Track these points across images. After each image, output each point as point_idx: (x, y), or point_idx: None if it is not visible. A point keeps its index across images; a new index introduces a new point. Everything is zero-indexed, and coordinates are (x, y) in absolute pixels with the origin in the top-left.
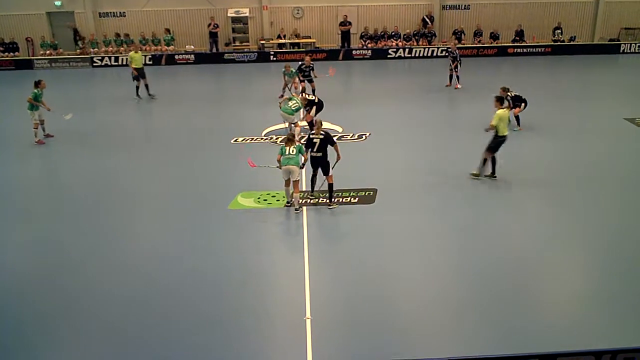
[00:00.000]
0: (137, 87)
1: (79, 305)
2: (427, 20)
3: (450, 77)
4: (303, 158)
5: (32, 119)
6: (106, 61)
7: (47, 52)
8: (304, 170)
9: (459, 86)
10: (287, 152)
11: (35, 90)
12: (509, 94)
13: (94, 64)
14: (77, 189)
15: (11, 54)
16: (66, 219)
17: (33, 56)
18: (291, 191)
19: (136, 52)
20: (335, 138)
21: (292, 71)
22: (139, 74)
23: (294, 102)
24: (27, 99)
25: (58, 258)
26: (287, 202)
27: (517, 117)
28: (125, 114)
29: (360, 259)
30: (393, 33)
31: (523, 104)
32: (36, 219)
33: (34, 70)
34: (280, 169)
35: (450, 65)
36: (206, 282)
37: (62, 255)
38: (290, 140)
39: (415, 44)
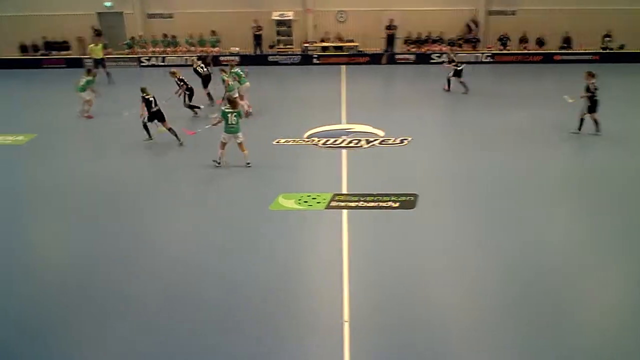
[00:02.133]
0: (108, 74)
1: (119, 302)
2: (472, 25)
3: (448, 80)
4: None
5: (84, 98)
6: (153, 61)
7: None
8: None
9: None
10: (230, 121)
11: (89, 78)
12: (593, 81)
13: (142, 64)
14: (123, 185)
15: (62, 52)
16: (110, 216)
17: (83, 55)
18: (244, 151)
19: (96, 45)
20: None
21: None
22: (99, 63)
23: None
24: (78, 83)
25: (103, 253)
26: (218, 163)
27: (595, 121)
28: (167, 114)
29: (400, 263)
30: (437, 38)
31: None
32: (88, 215)
33: (84, 68)
34: (215, 125)
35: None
36: (244, 282)
37: (105, 249)
38: (232, 102)
39: (459, 49)
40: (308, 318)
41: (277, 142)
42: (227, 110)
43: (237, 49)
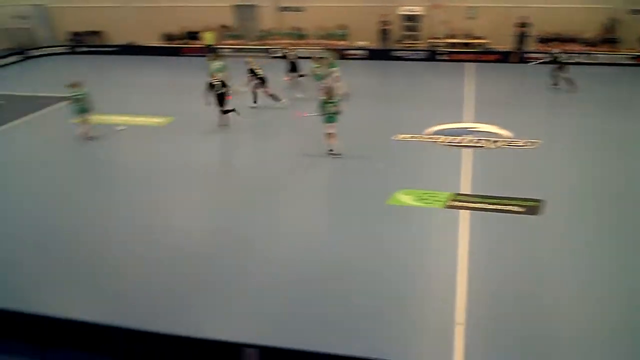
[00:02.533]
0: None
1: (245, 280)
2: (610, 24)
3: (564, 80)
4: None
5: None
6: (281, 53)
7: (231, 41)
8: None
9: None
10: (328, 111)
11: (220, 63)
12: None
13: (272, 55)
14: (235, 171)
15: (199, 42)
16: (228, 200)
17: (217, 45)
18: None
19: (210, 32)
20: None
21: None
22: (210, 50)
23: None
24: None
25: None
26: (335, 153)
27: None
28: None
29: (521, 270)
30: (572, 37)
31: None
32: (205, 192)
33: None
34: (319, 115)
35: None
36: (353, 275)
37: (230, 234)
38: (328, 92)
39: (595, 49)
40: (419, 318)
41: (397, 138)
42: (324, 100)
43: (364, 42)
